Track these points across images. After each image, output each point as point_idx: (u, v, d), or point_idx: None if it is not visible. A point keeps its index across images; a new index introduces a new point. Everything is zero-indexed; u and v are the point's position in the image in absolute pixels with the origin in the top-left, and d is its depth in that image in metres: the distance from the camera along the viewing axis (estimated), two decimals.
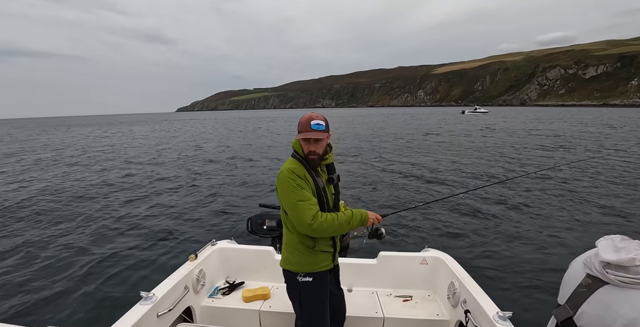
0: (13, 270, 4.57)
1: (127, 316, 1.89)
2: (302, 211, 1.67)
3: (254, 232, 3.15)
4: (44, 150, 20.97)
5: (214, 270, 2.85)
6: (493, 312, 1.93)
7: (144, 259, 4.83)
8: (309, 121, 1.74)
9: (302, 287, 1.89)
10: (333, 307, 2.08)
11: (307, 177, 1.76)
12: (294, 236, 1.85)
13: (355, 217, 1.79)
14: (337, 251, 1.99)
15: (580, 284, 0.97)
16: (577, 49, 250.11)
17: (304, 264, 1.87)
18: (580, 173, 10.29)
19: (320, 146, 1.78)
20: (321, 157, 1.81)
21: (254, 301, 2.67)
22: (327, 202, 1.85)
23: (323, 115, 1.81)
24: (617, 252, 0.89)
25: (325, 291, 1.94)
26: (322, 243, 1.87)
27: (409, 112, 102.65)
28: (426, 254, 2.84)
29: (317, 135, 1.73)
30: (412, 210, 6.96)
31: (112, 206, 7.60)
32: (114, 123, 75.56)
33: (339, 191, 2.00)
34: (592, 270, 0.94)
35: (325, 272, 1.92)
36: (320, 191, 1.80)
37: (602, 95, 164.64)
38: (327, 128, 1.78)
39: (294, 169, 1.74)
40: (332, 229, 1.72)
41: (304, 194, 1.70)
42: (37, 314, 3.60)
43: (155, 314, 2.02)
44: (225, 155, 16.18)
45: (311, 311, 1.93)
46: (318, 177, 1.83)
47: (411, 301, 2.70)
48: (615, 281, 0.87)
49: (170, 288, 2.22)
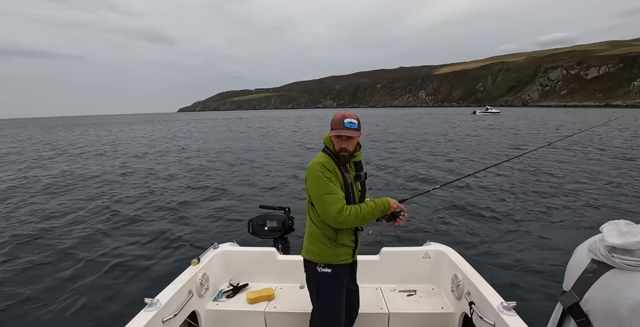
0: (11, 278, 4.48)
1: (132, 323, 1.88)
2: (330, 204, 1.75)
3: (255, 234, 3.16)
4: (35, 150, 20.99)
5: (217, 273, 2.84)
6: (497, 302, 1.94)
7: (146, 265, 4.78)
8: (343, 119, 1.81)
9: (320, 277, 1.96)
10: (348, 303, 2.11)
11: (337, 172, 1.84)
12: (317, 228, 1.93)
13: (378, 207, 1.86)
14: (357, 247, 2.05)
15: (585, 270, 0.97)
16: (579, 49, 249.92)
17: (324, 256, 1.94)
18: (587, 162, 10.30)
19: (352, 144, 1.85)
20: (351, 154, 1.88)
21: (259, 302, 2.67)
22: (354, 197, 1.91)
23: (356, 114, 1.88)
24: (622, 236, 0.90)
25: (343, 284, 1.99)
26: (344, 237, 1.93)
27: (416, 112, 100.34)
28: (428, 248, 2.85)
29: (350, 133, 1.81)
30: (412, 203, 7.03)
31: (110, 211, 7.50)
32: (117, 123, 75.67)
33: (365, 188, 2.06)
34: (597, 255, 0.95)
35: (344, 266, 1.98)
36: (348, 186, 1.88)
37: (604, 96, 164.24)
38: (359, 127, 1.86)
39: (325, 163, 1.83)
40: (356, 222, 1.80)
41: (333, 188, 1.78)
42: (39, 322, 3.55)
43: (161, 320, 2.01)
44: (224, 156, 16.16)
45: (327, 302, 1.98)
46: (346, 173, 1.90)
47: (415, 295, 2.71)
48: (621, 264, 0.87)
49: (174, 293, 2.21)
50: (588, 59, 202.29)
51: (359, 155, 1.98)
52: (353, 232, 1.97)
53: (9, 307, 3.83)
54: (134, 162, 14.95)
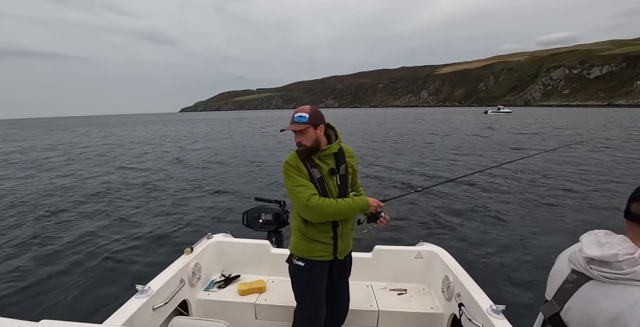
0: (6, 264, 4.57)
1: (123, 309, 1.88)
2: (298, 194, 1.76)
3: (249, 226, 3.15)
4: (35, 151, 21.10)
5: (209, 263, 2.84)
6: (487, 305, 1.93)
7: (139, 252, 4.83)
8: (294, 114, 1.82)
9: (294, 269, 1.99)
10: (332, 302, 2.11)
11: (300, 167, 1.82)
12: (295, 221, 1.97)
13: (356, 204, 1.82)
14: (342, 246, 1.97)
15: (566, 280, 0.98)
16: (581, 49, 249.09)
17: (299, 249, 1.95)
18: (583, 167, 10.27)
19: (306, 138, 1.80)
20: (311, 148, 1.83)
21: (250, 294, 2.66)
22: (328, 193, 1.85)
23: (315, 107, 1.84)
24: (601, 248, 0.89)
25: (318, 280, 1.96)
26: (317, 233, 1.88)
27: (423, 112, 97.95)
28: (421, 248, 2.84)
29: (295, 126, 1.78)
30: (408, 204, 7.07)
31: (107, 201, 7.60)
32: (118, 123, 75.99)
33: (347, 183, 1.96)
34: (576, 266, 0.95)
35: (320, 262, 1.94)
36: (315, 181, 1.82)
37: (606, 96, 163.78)
38: (313, 119, 1.79)
39: (290, 160, 1.85)
40: (330, 211, 1.76)
41: (300, 180, 1.79)
42: (32, 307, 3.60)
43: (151, 307, 2.01)
44: (222, 151, 16.24)
45: (301, 295, 2.00)
46: (314, 168, 1.84)
47: (406, 294, 2.70)
48: (598, 276, 0.87)
49: (166, 282, 2.21)
50: (590, 58, 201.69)
51: (332, 147, 1.88)
52: (331, 229, 1.91)
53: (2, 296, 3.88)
54: (131, 158, 15.04)
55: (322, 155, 1.89)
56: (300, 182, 1.79)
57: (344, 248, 2.00)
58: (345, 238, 1.98)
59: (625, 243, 0.87)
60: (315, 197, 1.76)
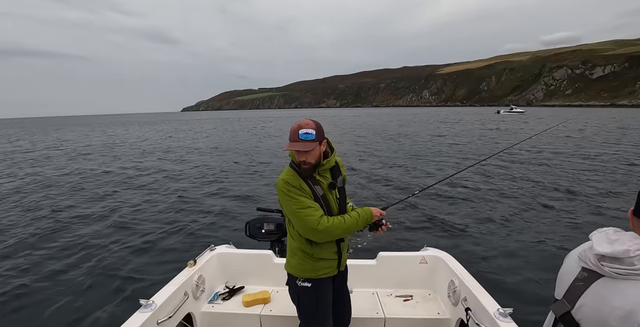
0: (5, 281, 4.48)
1: (127, 324, 1.88)
2: (305, 218, 1.65)
3: (252, 236, 3.14)
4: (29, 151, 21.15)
5: (213, 275, 2.84)
6: (494, 309, 1.93)
7: (141, 266, 4.77)
8: (298, 130, 1.65)
9: (300, 291, 1.90)
10: (337, 314, 2.08)
11: (303, 187, 1.72)
12: (295, 242, 1.85)
13: (362, 218, 1.78)
14: (343, 258, 1.96)
15: (576, 278, 0.97)
16: (584, 48, 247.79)
17: (304, 270, 1.86)
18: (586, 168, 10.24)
19: (312, 156, 1.69)
20: (315, 166, 1.75)
21: (255, 305, 2.67)
22: (331, 208, 1.80)
23: (316, 121, 1.72)
24: (611, 245, 0.90)
25: (325, 296, 1.93)
26: (324, 251, 1.84)
27: (435, 112, 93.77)
28: (425, 254, 2.84)
29: (305, 146, 1.63)
30: (410, 209, 7.05)
31: (105, 212, 7.47)
32: (119, 123, 75.91)
33: (345, 195, 1.93)
34: (587, 263, 0.95)
35: (326, 279, 1.90)
36: (319, 199, 1.75)
37: (609, 96, 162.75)
38: (319, 136, 1.68)
39: (289, 179, 1.72)
40: (340, 231, 1.71)
41: (304, 201, 1.68)
42: (34, 324, 3.56)
43: (155, 321, 2.01)
44: (223, 158, 16.05)
45: (309, 316, 1.93)
46: (316, 185, 1.76)
47: (412, 300, 2.70)
48: (610, 273, 0.87)
49: (170, 295, 2.21)
50: (593, 58, 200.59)
51: (331, 161, 1.82)
52: (335, 244, 1.87)
53: (3, 305, 3.87)
54: (127, 165, 14.80)
55: (321, 170, 1.82)
56: (305, 204, 1.67)
57: (344, 259, 1.99)
58: (345, 249, 1.97)
59: (635, 239, 0.87)
60: (325, 220, 1.67)
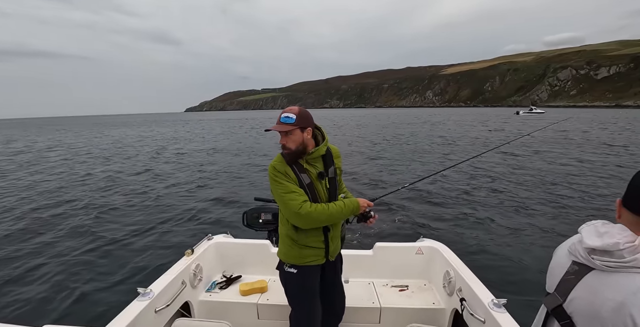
0: (4, 270, 4.50)
1: (125, 312, 1.89)
2: (289, 202, 1.70)
3: (249, 226, 3.13)
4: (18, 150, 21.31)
5: (210, 264, 2.84)
6: (488, 299, 1.94)
7: (139, 255, 4.81)
8: (281, 114, 1.73)
9: (286, 276, 1.94)
10: (330, 301, 2.09)
11: (289, 173, 1.75)
12: (284, 228, 1.89)
13: (347, 207, 1.79)
14: (332, 248, 1.95)
15: (567, 272, 0.99)
16: (588, 49, 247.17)
17: (290, 256, 1.89)
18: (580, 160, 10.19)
19: (292, 140, 1.72)
20: (296, 152, 1.75)
21: (252, 294, 2.67)
22: (318, 197, 1.81)
23: (303, 108, 1.77)
24: (601, 238, 0.91)
25: (310, 284, 1.94)
26: (309, 238, 1.85)
27: (446, 113, 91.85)
28: (421, 244, 2.85)
29: (280, 127, 1.70)
30: (407, 200, 7.09)
31: (105, 202, 7.56)
32: (120, 124, 76.45)
33: (336, 186, 1.93)
34: (577, 257, 0.96)
35: (312, 267, 1.91)
36: (305, 187, 1.77)
37: (614, 96, 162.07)
38: (301, 121, 1.71)
39: (276, 165, 1.77)
40: (323, 218, 1.73)
41: (290, 186, 1.72)
42: (33, 312, 3.58)
43: (153, 309, 2.01)
44: (221, 150, 16.21)
45: (295, 301, 1.98)
46: (303, 173, 1.78)
47: (407, 290, 2.71)
48: (601, 266, 0.89)
49: (168, 284, 2.22)
50: (598, 58, 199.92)
51: (320, 150, 1.81)
52: (322, 233, 1.88)
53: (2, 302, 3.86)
54: (131, 158, 15.09)
55: (310, 159, 1.82)
56: (290, 189, 1.72)
57: (334, 249, 1.97)
58: (335, 240, 1.96)
59: (624, 232, 0.89)
60: (307, 205, 1.70)
